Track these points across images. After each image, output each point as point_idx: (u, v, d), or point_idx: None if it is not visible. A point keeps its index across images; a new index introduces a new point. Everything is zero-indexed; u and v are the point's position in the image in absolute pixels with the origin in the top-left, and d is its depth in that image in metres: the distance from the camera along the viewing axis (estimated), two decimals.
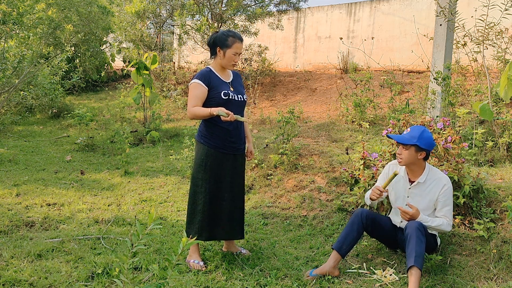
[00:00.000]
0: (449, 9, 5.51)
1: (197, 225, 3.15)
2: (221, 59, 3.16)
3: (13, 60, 7.16)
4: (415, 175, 3.18)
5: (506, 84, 3.77)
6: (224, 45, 3.12)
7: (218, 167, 3.15)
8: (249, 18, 10.46)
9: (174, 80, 11.53)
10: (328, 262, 3.08)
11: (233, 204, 3.22)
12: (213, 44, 3.17)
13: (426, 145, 3.05)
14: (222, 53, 3.13)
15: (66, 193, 4.89)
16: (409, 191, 3.19)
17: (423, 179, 3.14)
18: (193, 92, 3.11)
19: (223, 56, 3.14)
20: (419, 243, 2.86)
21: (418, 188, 3.16)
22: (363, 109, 6.86)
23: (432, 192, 3.12)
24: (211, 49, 3.21)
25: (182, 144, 6.32)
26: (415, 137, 3.05)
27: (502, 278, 2.96)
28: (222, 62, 3.17)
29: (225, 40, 3.12)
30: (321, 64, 11.45)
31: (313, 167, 4.92)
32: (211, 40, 3.19)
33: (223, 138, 3.14)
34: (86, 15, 8.77)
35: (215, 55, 3.20)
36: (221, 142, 3.15)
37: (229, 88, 3.17)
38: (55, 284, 2.83)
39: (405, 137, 3.09)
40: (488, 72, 5.20)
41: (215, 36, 3.17)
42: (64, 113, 9.30)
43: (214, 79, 3.15)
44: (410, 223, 2.99)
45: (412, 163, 3.12)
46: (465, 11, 5.53)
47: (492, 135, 4.96)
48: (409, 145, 3.06)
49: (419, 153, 3.08)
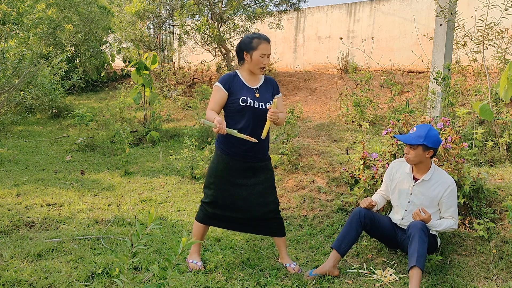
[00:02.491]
0: (449, 9, 5.51)
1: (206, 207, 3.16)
2: (248, 63, 3.04)
3: (13, 60, 7.16)
4: (420, 172, 3.19)
5: (506, 84, 3.77)
6: (249, 48, 3.00)
7: (230, 174, 3.06)
8: (249, 18, 10.46)
9: (174, 80, 11.53)
10: (327, 262, 3.08)
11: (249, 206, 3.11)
12: (239, 50, 3.06)
13: (433, 144, 3.06)
14: (249, 57, 3.01)
15: (66, 193, 4.89)
16: (412, 188, 3.19)
17: (428, 177, 3.15)
18: (213, 95, 3.05)
19: (250, 60, 3.01)
20: (422, 243, 2.86)
21: (422, 186, 3.17)
22: (363, 109, 6.86)
23: (436, 192, 3.13)
24: (238, 54, 3.10)
25: (182, 144, 6.31)
26: (422, 137, 3.05)
27: (502, 278, 2.96)
28: (249, 67, 3.04)
29: (250, 43, 3.00)
30: (321, 64, 11.45)
31: (313, 167, 4.92)
32: (237, 47, 3.08)
33: (238, 147, 3.03)
34: (86, 15, 8.76)
35: (241, 59, 3.08)
36: (236, 150, 3.04)
37: (252, 95, 3.01)
38: (55, 284, 2.83)
39: (412, 137, 3.09)
40: (488, 72, 5.20)
41: (240, 41, 3.08)
42: (64, 113, 9.31)
43: (237, 83, 3.04)
44: (414, 222, 3.00)
45: (419, 161, 3.13)
46: (465, 11, 5.53)
47: (492, 135, 4.96)
48: (416, 145, 3.07)
49: (427, 152, 3.09)
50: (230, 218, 3.14)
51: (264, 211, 3.10)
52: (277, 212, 3.17)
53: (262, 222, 3.15)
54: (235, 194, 3.07)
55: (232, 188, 3.07)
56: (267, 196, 3.11)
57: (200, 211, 3.21)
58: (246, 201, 3.07)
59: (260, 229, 3.19)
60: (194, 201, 4.76)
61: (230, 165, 3.06)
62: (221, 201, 3.10)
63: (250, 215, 3.11)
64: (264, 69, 3.07)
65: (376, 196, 3.44)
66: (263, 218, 3.13)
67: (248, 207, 3.09)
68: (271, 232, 3.20)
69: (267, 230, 3.20)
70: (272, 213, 3.14)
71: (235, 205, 3.09)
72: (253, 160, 3.08)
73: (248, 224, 3.17)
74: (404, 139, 3.11)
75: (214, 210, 3.13)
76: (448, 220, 3.11)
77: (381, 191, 3.45)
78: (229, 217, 3.14)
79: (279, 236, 3.20)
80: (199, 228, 3.22)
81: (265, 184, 3.11)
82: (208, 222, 3.20)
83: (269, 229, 3.19)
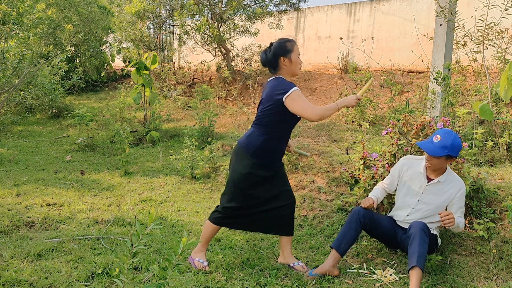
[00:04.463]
0: (449, 9, 5.51)
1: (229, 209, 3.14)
2: (288, 67, 3.02)
3: (13, 60, 7.16)
4: (435, 174, 3.20)
5: (506, 84, 3.77)
6: (286, 52, 3.00)
7: (259, 182, 3.06)
8: (249, 18, 10.45)
9: (174, 80, 11.53)
10: (327, 262, 3.08)
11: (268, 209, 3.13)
12: (274, 57, 3.02)
13: (457, 153, 3.08)
14: (288, 60, 3.00)
15: (66, 193, 4.89)
16: (425, 188, 3.19)
17: (443, 178, 3.17)
18: (301, 97, 2.92)
19: (290, 63, 3.01)
20: (422, 244, 2.87)
21: (435, 186, 3.18)
22: (363, 109, 6.86)
23: (448, 193, 3.15)
24: (272, 64, 3.05)
25: (182, 144, 6.31)
26: (447, 147, 3.02)
27: (502, 278, 2.96)
28: (290, 70, 3.03)
29: (285, 47, 3.00)
30: (321, 64, 11.45)
31: (313, 167, 4.92)
32: (269, 55, 3.04)
33: (275, 156, 3.07)
34: (86, 15, 8.76)
35: (277, 67, 3.04)
36: (272, 159, 3.06)
37: None
38: (55, 284, 2.83)
39: (437, 147, 3.05)
40: (488, 72, 5.20)
41: (273, 48, 3.04)
42: (64, 113, 9.30)
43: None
44: (415, 222, 3.01)
45: (440, 168, 3.16)
46: (465, 11, 5.53)
47: (492, 135, 4.96)
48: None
49: (449, 160, 3.12)
50: (249, 220, 3.14)
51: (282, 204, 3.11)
52: (293, 209, 3.21)
53: (277, 220, 3.14)
54: (259, 196, 3.07)
55: (256, 192, 3.07)
56: (286, 192, 3.15)
57: (218, 214, 3.17)
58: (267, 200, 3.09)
59: (273, 227, 3.19)
60: (194, 201, 4.76)
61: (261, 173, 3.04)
62: (246, 206, 3.09)
63: (270, 214, 3.11)
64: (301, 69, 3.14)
65: (378, 189, 3.41)
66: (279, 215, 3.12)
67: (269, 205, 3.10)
68: (282, 231, 3.20)
69: (279, 229, 3.19)
70: (289, 209, 3.16)
71: (258, 207, 3.09)
72: (279, 165, 3.15)
73: (263, 223, 3.16)
74: (430, 151, 3.06)
75: (235, 213, 3.12)
76: (462, 219, 3.14)
77: (384, 184, 3.42)
78: (248, 219, 3.14)
79: (288, 234, 3.21)
80: (212, 229, 3.21)
81: (283, 178, 3.18)
82: (224, 224, 3.20)
83: (281, 227, 3.18)
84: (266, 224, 3.17)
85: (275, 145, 3.05)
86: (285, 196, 3.14)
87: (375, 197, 3.32)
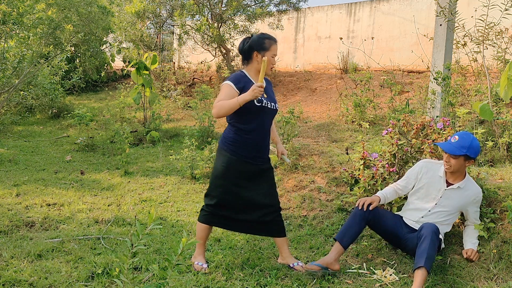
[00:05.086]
0: (449, 9, 5.50)
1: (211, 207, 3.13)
2: (258, 63, 3.00)
3: (13, 60, 7.16)
4: (454, 178, 3.21)
5: (506, 84, 3.77)
6: (262, 48, 2.97)
7: (239, 177, 3.04)
8: (249, 18, 10.46)
9: (174, 80, 11.53)
10: (330, 254, 3.10)
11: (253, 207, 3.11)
12: (249, 49, 3.00)
13: (475, 154, 3.09)
14: (260, 57, 2.97)
15: (66, 193, 4.89)
16: (444, 192, 3.20)
17: (463, 185, 3.19)
18: (222, 93, 2.92)
19: (261, 60, 2.95)
20: (432, 246, 2.88)
21: (454, 192, 3.19)
22: (363, 109, 6.86)
23: (465, 199, 3.19)
24: (245, 54, 3.04)
25: (182, 144, 6.31)
26: (465, 147, 3.05)
27: (502, 278, 2.96)
28: (259, 67, 2.98)
29: (263, 43, 2.98)
30: (321, 64, 11.45)
31: (313, 167, 4.92)
32: (246, 46, 3.02)
33: (250, 149, 3.01)
34: (86, 15, 8.77)
35: (249, 59, 3.04)
36: (247, 153, 3.01)
37: (262, 95, 2.99)
38: (55, 284, 2.83)
39: (454, 147, 3.07)
40: (488, 72, 5.19)
41: (250, 41, 3.02)
42: (64, 113, 9.30)
43: (248, 84, 2.96)
44: (428, 224, 3.04)
45: (458, 170, 3.16)
46: (465, 11, 5.53)
47: (492, 135, 4.96)
48: (459, 155, 3.08)
49: (468, 162, 3.12)
50: (234, 219, 3.13)
51: (266, 212, 3.10)
52: (279, 214, 3.18)
53: (263, 225, 3.13)
54: (241, 196, 3.06)
55: (239, 190, 3.05)
56: (271, 198, 3.12)
57: (203, 212, 3.20)
58: (250, 203, 3.07)
59: (261, 230, 3.19)
60: (194, 201, 4.76)
61: (240, 168, 3.03)
62: (227, 203, 3.09)
63: (254, 216, 3.10)
64: (273, 69, 3.08)
65: (388, 189, 3.39)
66: (264, 221, 3.11)
67: (252, 208, 3.08)
68: (272, 233, 3.21)
69: (268, 232, 3.20)
70: (273, 214, 3.13)
71: (240, 207, 3.09)
72: (260, 162, 3.09)
73: (250, 226, 3.16)
74: (447, 149, 3.09)
75: (218, 211, 3.12)
76: (475, 231, 3.27)
77: (398, 185, 3.39)
78: (233, 218, 3.13)
79: (279, 236, 3.21)
80: (203, 229, 3.21)
81: (269, 182, 3.13)
82: (211, 223, 3.19)
83: (269, 231, 3.18)
84: (254, 228, 3.18)
85: (248, 137, 3.00)
86: (268, 202, 3.09)
87: (382, 195, 3.31)
